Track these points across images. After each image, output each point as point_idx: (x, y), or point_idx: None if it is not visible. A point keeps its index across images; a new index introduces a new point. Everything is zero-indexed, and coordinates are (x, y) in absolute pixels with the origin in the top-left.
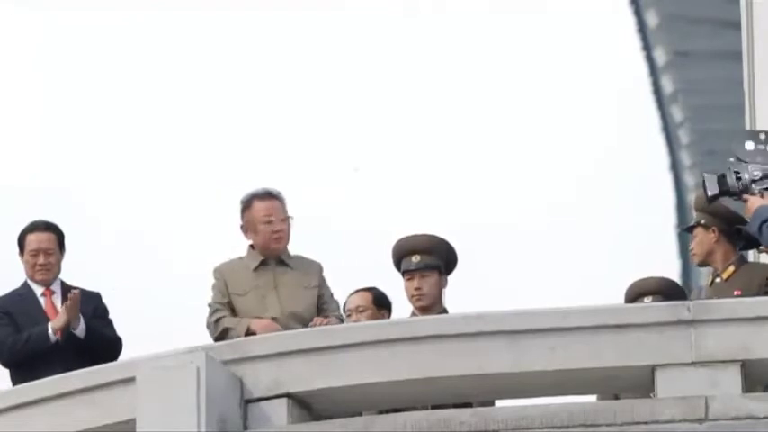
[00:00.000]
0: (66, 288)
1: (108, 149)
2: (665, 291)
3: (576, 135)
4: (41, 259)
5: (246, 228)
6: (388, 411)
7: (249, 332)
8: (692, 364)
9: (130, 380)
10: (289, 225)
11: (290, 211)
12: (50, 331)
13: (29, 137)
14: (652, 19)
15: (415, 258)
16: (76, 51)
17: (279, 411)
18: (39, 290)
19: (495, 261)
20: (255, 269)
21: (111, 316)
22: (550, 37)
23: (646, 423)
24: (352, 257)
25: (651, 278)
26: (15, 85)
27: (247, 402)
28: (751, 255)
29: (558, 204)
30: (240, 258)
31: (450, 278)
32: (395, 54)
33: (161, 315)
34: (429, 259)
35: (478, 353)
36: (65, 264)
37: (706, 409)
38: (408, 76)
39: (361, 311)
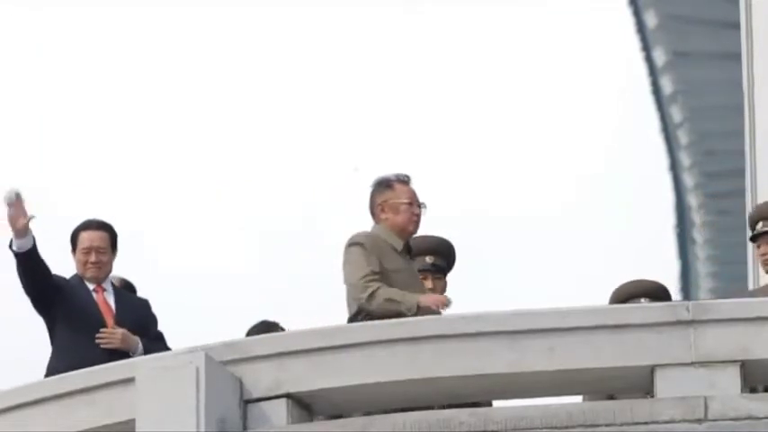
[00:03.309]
0: (117, 290)
1: (104, 149)
2: (659, 294)
3: (575, 135)
4: (93, 257)
5: (383, 207)
6: (387, 411)
7: (418, 308)
8: (692, 364)
9: (130, 380)
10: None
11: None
12: (12, 240)
13: (25, 136)
14: (651, 19)
15: (429, 259)
16: (73, 50)
17: (278, 412)
18: (90, 286)
19: (493, 261)
20: (400, 252)
21: None
22: (550, 36)
23: (645, 423)
24: None
25: (644, 281)
26: (11, 85)
27: (247, 403)
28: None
29: (556, 204)
30: (375, 233)
31: (450, 277)
32: (395, 52)
33: (160, 315)
34: (439, 261)
35: (478, 353)
36: (64, 264)
37: (705, 410)
38: (409, 74)
39: None
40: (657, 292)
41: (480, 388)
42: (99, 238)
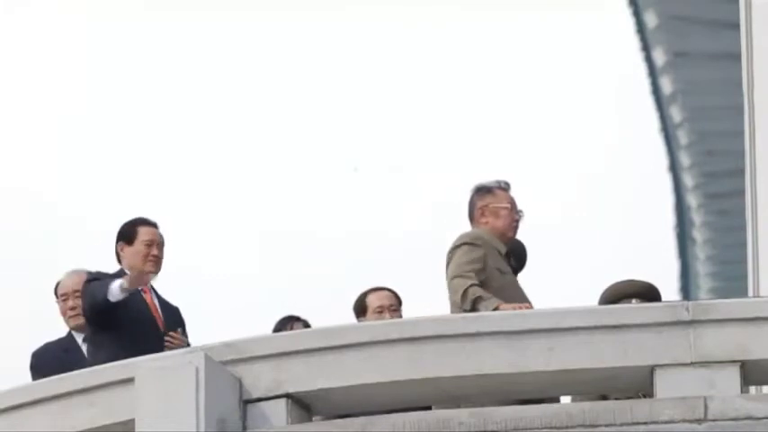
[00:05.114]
0: (157, 294)
1: (102, 148)
2: (649, 294)
3: (575, 135)
4: (155, 251)
5: (484, 211)
6: (387, 411)
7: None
8: (691, 364)
9: (130, 380)
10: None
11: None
12: (117, 285)
13: (21, 136)
14: (651, 19)
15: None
16: (71, 54)
17: (278, 412)
18: None
19: None
20: (503, 255)
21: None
22: (549, 36)
23: (645, 423)
24: (351, 257)
25: (634, 281)
26: (9, 85)
27: (246, 403)
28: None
29: (555, 204)
30: (481, 234)
31: None
32: (395, 52)
33: None
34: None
35: (478, 353)
36: (60, 265)
37: (705, 410)
38: (408, 74)
39: (394, 310)
40: (648, 292)
41: (480, 388)
42: (158, 235)
